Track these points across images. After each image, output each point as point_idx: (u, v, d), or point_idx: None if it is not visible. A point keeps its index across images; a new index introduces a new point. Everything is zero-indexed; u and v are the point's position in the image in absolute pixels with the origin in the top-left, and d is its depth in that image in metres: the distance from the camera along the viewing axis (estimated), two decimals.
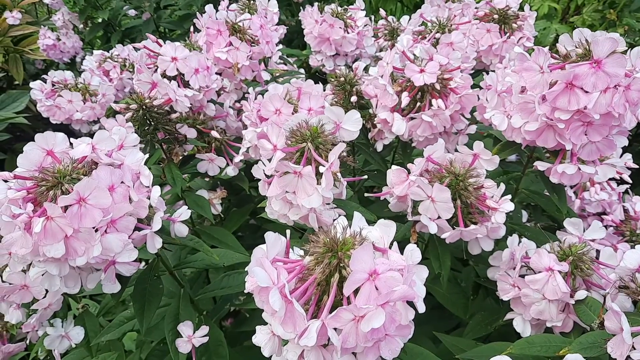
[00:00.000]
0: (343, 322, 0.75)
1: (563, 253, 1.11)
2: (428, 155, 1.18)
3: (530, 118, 1.13)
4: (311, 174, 1.00)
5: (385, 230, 0.88)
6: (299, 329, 0.77)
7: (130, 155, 1.08)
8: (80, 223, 0.94)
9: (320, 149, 1.06)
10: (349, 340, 0.76)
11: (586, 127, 1.10)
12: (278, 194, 1.06)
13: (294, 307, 0.76)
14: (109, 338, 1.38)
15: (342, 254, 0.79)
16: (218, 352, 1.35)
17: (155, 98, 1.36)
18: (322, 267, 0.80)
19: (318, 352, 0.82)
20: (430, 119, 1.35)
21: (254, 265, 0.78)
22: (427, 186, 1.10)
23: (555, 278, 1.04)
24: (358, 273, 0.74)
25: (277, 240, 0.82)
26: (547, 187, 1.27)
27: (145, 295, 1.20)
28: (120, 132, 1.14)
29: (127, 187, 1.03)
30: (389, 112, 1.41)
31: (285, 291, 0.75)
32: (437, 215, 1.13)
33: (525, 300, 1.10)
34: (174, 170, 1.43)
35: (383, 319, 0.72)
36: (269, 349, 0.86)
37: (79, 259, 0.97)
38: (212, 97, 1.62)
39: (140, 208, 1.05)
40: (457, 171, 1.14)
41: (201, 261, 1.32)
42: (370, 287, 0.75)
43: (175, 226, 1.16)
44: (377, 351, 0.81)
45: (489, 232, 1.18)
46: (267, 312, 0.82)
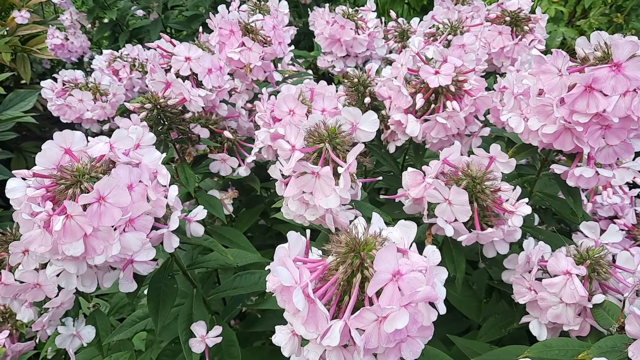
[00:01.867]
0: (366, 323, 0.75)
1: (580, 257, 1.11)
2: (444, 158, 1.18)
3: (547, 121, 1.13)
4: (329, 174, 1.00)
5: (405, 232, 0.88)
6: (321, 329, 0.77)
7: (147, 154, 1.08)
8: (99, 222, 0.94)
9: (338, 150, 1.05)
10: (372, 341, 0.76)
11: (604, 131, 1.09)
12: (295, 195, 1.06)
13: (316, 307, 0.76)
14: (121, 337, 1.38)
15: (364, 254, 0.79)
16: (230, 352, 1.35)
17: (170, 98, 1.37)
18: (344, 267, 0.80)
19: (339, 352, 0.81)
20: (444, 121, 1.35)
21: (277, 264, 0.78)
22: (444, 188, 1.09)
23: (573, 281, 1.04)
24: (382, 273, 0.74)
25: (298, 239, 0.82)
26: (563, 191, 1.26)
27: (160, 295, 1.20)
28: (137, 131, 1.14)
29: (145, 186, 1.03)
30: (403, 114, 1.41)
31: (309, 291, 0.75)
32: (453, 218, 1.12)
33: (542, 304, 1.10)
34: (187, 170, 1.43)
35: (406, 320, 0.72)
36: (289, 349, 0.86)
37: (98, 258, 0.97)
38: (224, 97, 1.62)
39: (158, 207, 1.05)
40: (474, 174, 1.14)
41: (214, 261, 1.32)
42: (393, 287, 0.75)
43: (191, 226, 1.16)
44: (399, 352, 0.81)
45: (505, 236, 1.17)
46: (288, 312, 0.82)
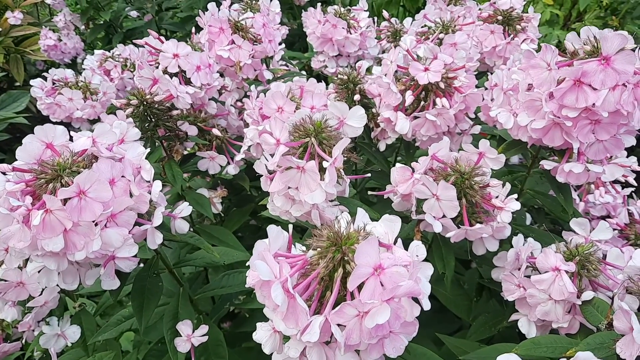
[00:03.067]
0: (347, 318, 0.73)
1: (570, 253, 1.09)
2: (433, 154, 1.16)
3: (537, 116, 1.12)
4: (314, 169, 0.99)
5: (389, 226, 0.86)
6: (301, 324, 0.75)
7: (131, 149, 1.07)
8: (80, 216, 0.92)
9: (324, 144, 1.04)
10: (353, 336, 0.74)
11: (594, 126, 1.08)
12: (280, 190, 1.04)
13: (296, 302, 0.74)
14: (106, 337, 1.36)
15: (346, 248, 0.77)
16: (217, 352, 1.33)
17: (157, 94, 1.35)
18: (325, 262, 0.78)
19: (320, 349, 0.80)
20: (434, 118, 1.34)
21: (256, 258, 0.76)
22: (432, 184, 1.08)
23: (562, 278, 1.03)
24: (363, 267, 0.72)
25: (279, 234, 0.81)
26: (553, 187, 1.25)
27: (145, 293, 1.18)
28: (121, 126, 1.12)
29: (127, 181, 1.02)
30: (393, 111, 1.39)
31: (288, 285, 0.73)
32: (441, 213, 1.11)
33: (531, 301, 1.08)
34: (175, 168, 1.41)
35: (388, 315, 0.71)
36: (269, 346, 0.84)
37: (78, 254, 0.95)
38: (214, 95, 1.61)
39: (141, 203, 1.03)
40: (463, 169, 1.13)
41: (201, 259, 1.30)
42: (375, 282, 0.73)
43: (176, 222, 1.14)
44: (381, 349, 0.79)
45: (494, 232, 1.16)
46: (268, 307, 0.80)
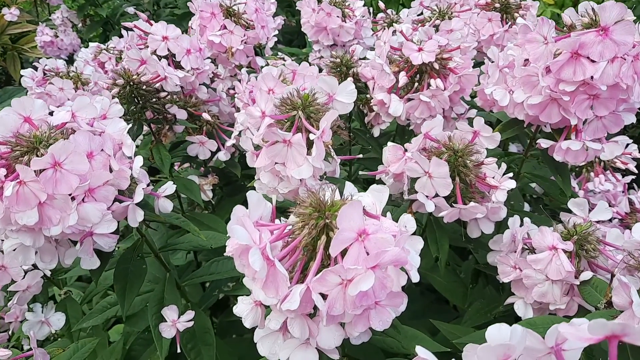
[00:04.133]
0: (329, 286, 0.69)
1: (567, 233, 1.05)
2: (426, 132, 1.13)
3: (533, 92, 1.08)
4: (301, 142, 0.95)
5: (377, 197, 0.82)
6: (281, 293, 0.71)
7: (112, 123, 1.03)
8: (55, 189, 0.89)
9: (312, 119, 1.00)
10: (336, 306, 0.70)
11: (592, 101, 1.04)
12: (267, 165, 1.00)
13: (276, 270, 0.70)
14: (92, 324, 1.32)
15: (329, 214, 0.73)
16: (205, 339, 1.29)
17: (144, 74, 1.32)
18: (308, 229, 0.74)
19: (303, 321, 0.76)
20: (428, 99, 1.30)
21: (234, 223, 0.72)
22: (424, 161, 1.04)
23: (559, 257, 0.98)
24: (346, 232, 0.68)
25: (260, 201, 0.77)
26: (551, 168, 1.21)
27: (128, 276, 1.14)
28: (103, 102, 1.09)
29: (107, 155, 0.98)
30: (386, 93, 1.36)
31: (267, 252, 0.69)
32: (434, 192, 1.07)
33: (527, 282, 1.04)
34: (163, 152, 1.37)
35: (372, 282, 0.67)
36: (250, 319, 0.80)
37: (54, 229, 0.92)
38: (205, 81, 1.57)
39: (121, 178, 1.00)
40: (456, 147, 1.09)
41: (188, 243, 1.26)
42: (359, 248, 0.69)
43: (160, 201, 1.11)
44: (367, 321, 0.75)
45: (489, 213, 1.12)
46: (248, 277, 0.77)
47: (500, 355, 0.59)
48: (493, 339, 0.59)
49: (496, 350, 0.58)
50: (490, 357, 0.58)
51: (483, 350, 0.58)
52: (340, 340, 0.77)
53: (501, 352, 0.58)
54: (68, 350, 1.20)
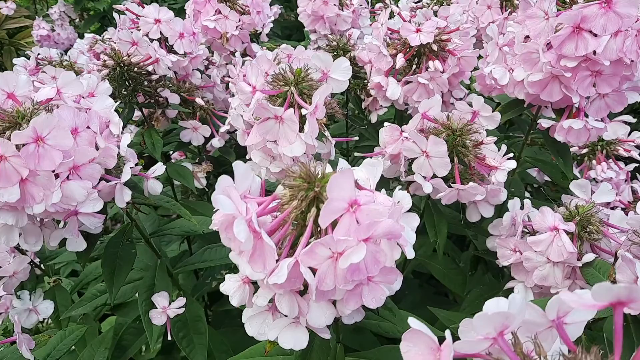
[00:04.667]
0: (319, 260, 0.66)
1: (569, 214, 1.02)
2: (423, 112, 1.09)
3: (534, 69, 1.04)
4: (293, 117, 0.92)
5: (371, 171, 0.79)
6: (268, 267, 0.67)
7: (99, 100, 1.00)
8: (37, 165, 0.86)
9: (305, 95, 0.97)
10: (326, 281, 0.67)
11: (595, 78, 1.01)
12: (258, 143, 0.97)
13: (263, 242, 0.67)
14: (81, 312, 1.29)
15: (320, 186, 0.70)
16: (197, 327, 1.25)
17: (135, 55, 1.29)
18: (297, 201, 0.71)
19: (292, 297, 0.72)
20: (426, 81, 1.26)
21: (219, 193, 0.69)
22: (422, 139, 1.01)
23: (561, 237, 0.95)
24: (336, 201, 0.64)
25: (247, 173, 0.73)
26: (552, 151, 1.17)
27: (116, 260, 1.11)
28: (91, 80, 1.06)
29: (93, 132, 0.95)
30: (383, 76, 1.32)
31: (254, 223, 0.66)
32: (432, 172, 1.04)
33: (528, 265, 1.01)
34: (155, 136, 1.34)
35: (364, 253, 0.63)
36: (237, 297, 0.77)
37: (37, 207, 0.89)
38: (199, 66, 1.54)
39: (107, 157, 0.97)
40: (455, 126, 1.05)
41: (179, 228, 1.23)
42: (350, 219, 0.66)
43: (149, 183, 1.07)
44: (359, 298, 0.72)
45: (489, 195, 1.08)
46: (234, 251, 0.73)
47: (497, 324, 0.55)
48: (491, 310, 0.56)
49: (493, 319, 0.55)
50: (486, 326, 0.55)
51: (479, 318, 0.54)
52: (332, 319, 0.74)
53: (499, 321, 0.55)
54: (55, 337, 1.17)
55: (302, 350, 0.93)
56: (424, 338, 0.58)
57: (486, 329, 0.55)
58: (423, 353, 0.58)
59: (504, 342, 0.56)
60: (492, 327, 0.55)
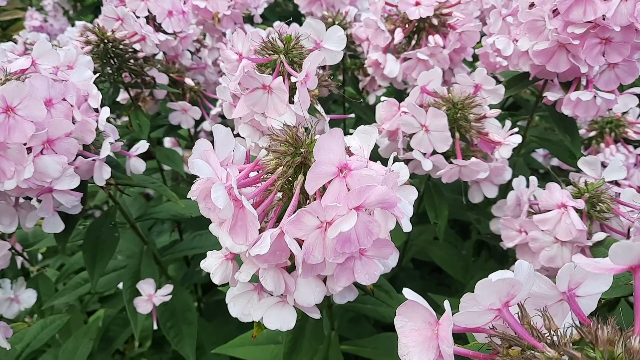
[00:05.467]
0: (306, 229, 0.60)
1: (578, 191, 0.95)
2: (422, 86, 1.03)
3: (539, 38, 0.98)
4: (282, 86, 0.86)
5: (365, 139, 0.72)
6: (251, 238, 0.61)
7: (77, 71, 0.94)
8: (7, 137, 0.80)
9: (296, 64, 0.91)
10: (314, 253, 0.61)
11: (604, 46, 0.94)
12: (246, 116, 0.91)
13: (245, 211, 0.61)
14: (64, 301, 1.23)
15: (306, 149, 0.64)
16: (186, 317, 1.19)
17: (119, 30, 1.22)
18: (283, 168, 0.65)
19: (277, 273, 0.66)
20: (426, 57, 1.20)
21: (196, 157, 0.63)
22: (420, 112, 0.95)
23: (569, 215, 0.89)
24: (324, 165, 0.58)
25: (229, 138, 0.67)
26: (559, 128, 1.11)
27: (98, 244, 1.05)
28: (69, 52, 1.00)
29: (69, 105, 0.89)
30: (381, 53, 1.26)
31: (234, 190, 0.59)
32: (431, 148, 0.98)
33: (534, 246, 0.94)
34: (142, 118, 1.28)
35: (354, 222, 0.57)
36: (219, 275, 0.70)
37: (8, 182, 0.83)
38: (189, 48, 1.48)
39: (85, 131, 0.91)
40: (456, 99, 0.99)
41: (166, 212, 1.17)
42: (339, 184, 0.60)
43: (131, 161, 1.01)
44: (351, 274, 0.66)
45: (492, 174, 1.02)
46: (214, 222, 0.67)
47: (502, 293, 0.49)
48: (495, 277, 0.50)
49: (498, 286, 0.49)
50: (490, 295, 0.49)
51: (482, 287, 0.48)
52: (321, 297, 0.68)
53: (504, 289, 0.49)
54: (35, 326, 1.12)
55: (293, 337, 0.87)
56: (420, 311, 0.52)
57: (489, 299, 0.49)
58: (419, 328, 0.52)
59: (509, 314, 0.50)
60: (496, 296, 0.49)
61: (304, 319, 0.85)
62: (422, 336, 0.51)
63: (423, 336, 0.51)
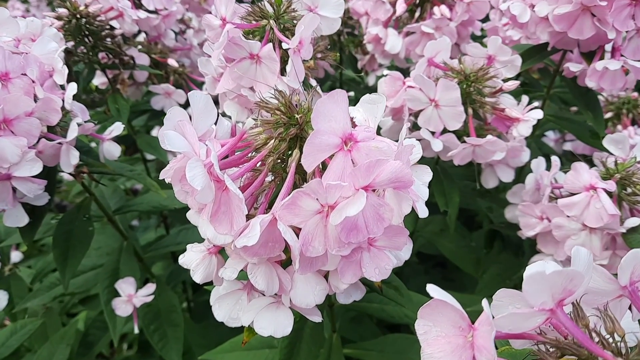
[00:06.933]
0: (303, 215, 0.49)
1: (606, 172, 0.85)
2: (429, 57, 0.92)
3: (560, 1, 0.87)
4: (272, 54, 0.75)
5: (370, 110, 0.62)
6: (236, 226, 0.50)
7: (39, 44, 0.83)
8: None
9: (288, 32, 0.80)
10: (314, 244, 0.50)
11: (635, 8, 0.84)
12: (231, 91, 0.80)
13: (229, 194, 0.50)
14: (38, 303, 1.12)
15: (302, 118, 0.53)
16: (171, 319, 1.09)
17: (92, 3, 1.11)
18: (274, 141, 0.54)
19: (270, 269, 0.55)
20: (431, 31, 1.10)
21: (168, 128, 0.52)
22: (429, 84, 0.84)
23: (600, 198, 0.78)
24: (325, 135, 0.48)
25: (209, 108, 0.56)
26: (580, 103, 1.01)
27: (70, 239, 0.94)
28: (32, 22, 0.89)
29: (30, 80, 0.78)
30: (382, 27, 1.15)
31: (216, 168, 0.49)
32: (441, 126, 0.87)
33: (559, 234, 0.84)
34: (120, 101, 1.16)
35: (362, 204, 0.46)
36: (201, 273, 0.59)
37: None
38: (173, 27, 1.37)
39: (49, 110, 0.80)
40: (468, 71, 0.89)
41: (147, 203, 1.06)
42: (344, 159, 0.49)
43: (105, 145, 0.90)
44: (358, 268, 0.55)
45: (509, 155, 0.92)
46: (192, 209, 0.56)
47: (557, 288, 0.38)
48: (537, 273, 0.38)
49: (552, 281, 0.37)
50: (542, 292, 0.38)
51: (533, 281, 0.37)
52: (323, 296, 0.57)
53: (559, 284, 0.38)
54: (4, 331, 1.01)
55: (289, 341, 0.77)
56: (448, 312, 0.42)
57: (541, 297, 0.38)
58: (447, 334, 0.42)
59: (564, 315, 0.39)
60: (549, 293, 0.38)
61: (302, 321, 0.74)
62: (452, 345, 0.41)
63: (453, 345, 0.41)
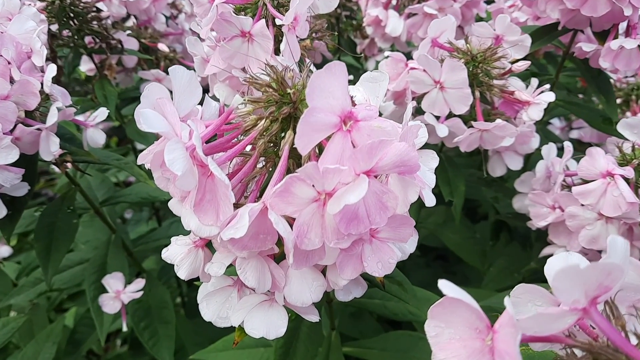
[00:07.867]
0: (298, 203, 0.44)
1: (622, 157, 0.80)
2: (433, 37, 0.87)
3: None
4: (265, 32, 0.69)
5: (372, 89, 0.57)
6: (223, 216, 0.45)
7: (16, 22, 0.78)
8: None
9: (283, 8, 0.75)
10: (310, 235, 0.45)
11: None
12: (222, 72, 0.74)
13: (215, 180, 0.45)
14: (23, 299, 1.07)
15: (296, 94, 0.48)
16: (162, 315, 1.04)
17: None
18: (265, 121, 0.48)
19: (261, 264, 0.50)
20: (434, 12, 1.04)
21: (146, 106, 0.46)
22: (435, 65, 0.78)
23: (618, 185, 0.73)
24: (321, 113, 0.42)
25: (194, 84, 0.51)
26: (591, 86, 0.95)
27: (53, 232, 0.89)
28: (10, 2, 0.83)
29: (5, 61, 0.73)
30: (382, 9, 1.10)
31: (199, 151, 0.43)
32: (447, 110, 0.82)
33: (572, 224, 0.79)
34: (107, 87, 1.11)
35: (364, 190, 0.41)
36: (186, 268, 0.54)
37: None
38: (164, 12, 1.31)
39: (27, 93, 0.74)
40: (475, 51, 0.83)
41: (135, 194, 1.00)
42: (343, 140, 0.44)
43: (88, 132, 0.85)
44: (359, 263, 0.50)
45: (517, 141, 0.86)
46: (174, 197, 0.51)
47: (591, 284, 0.32)
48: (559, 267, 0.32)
49: (587, 275, 0.32)
50: (575, 288, 0.32)
51: (566, 276, 0.32)
52: (320, 293, 0.52)
53: (595, 279, 0.32)
54: None
55: (285, 340, 0.72)
56: (463, 312, 0.36)
57: (574, 294, 0.32)
58: (462, 336, 0.36)
59: (598, 315, 0.34)
60: (582, 290, 0.33)
61: (297, 319, 0.69)
62: (468, 349, 0.36)
63: (469, 349, 0.36)
